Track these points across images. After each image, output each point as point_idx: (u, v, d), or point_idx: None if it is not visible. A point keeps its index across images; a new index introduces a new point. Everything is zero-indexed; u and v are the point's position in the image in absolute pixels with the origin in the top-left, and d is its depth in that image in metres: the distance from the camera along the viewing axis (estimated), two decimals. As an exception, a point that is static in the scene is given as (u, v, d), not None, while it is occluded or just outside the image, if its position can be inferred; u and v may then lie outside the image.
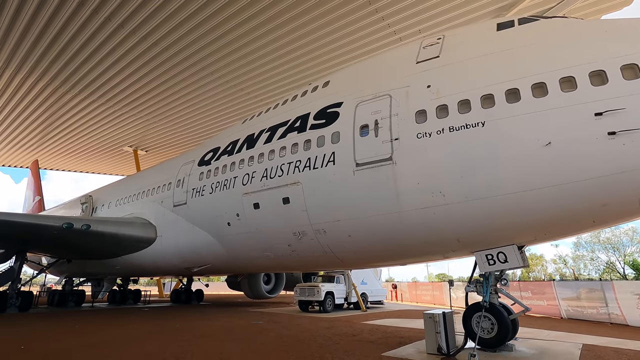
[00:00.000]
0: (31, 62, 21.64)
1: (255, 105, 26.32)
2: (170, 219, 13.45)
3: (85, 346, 7.87)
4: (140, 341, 8.59)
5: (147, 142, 35.76)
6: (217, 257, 12.59)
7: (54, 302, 19.87)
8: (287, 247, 10.35)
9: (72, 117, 29.11)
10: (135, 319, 13.46)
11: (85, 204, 19.07)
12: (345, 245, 9.18)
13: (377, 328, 11.53)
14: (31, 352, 7.21)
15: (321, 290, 17.09)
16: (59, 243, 14.49)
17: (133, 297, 23.35)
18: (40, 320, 12.87)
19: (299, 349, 7.79)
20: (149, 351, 7.30)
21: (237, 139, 12.07)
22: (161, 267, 14.62)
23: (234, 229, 11.30)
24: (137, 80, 23.92)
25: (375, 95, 8.75)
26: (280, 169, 9.93)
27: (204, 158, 12.92)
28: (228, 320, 13.18)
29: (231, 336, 9.56)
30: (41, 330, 10.52)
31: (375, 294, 21.16)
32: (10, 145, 35.60)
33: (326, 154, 9.05)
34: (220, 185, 11.62)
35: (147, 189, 15.47)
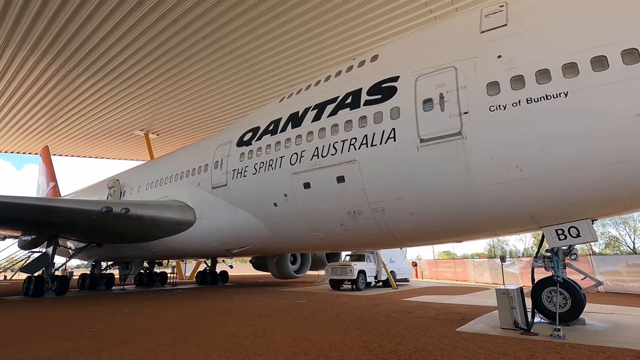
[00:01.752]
0: (45, 44, 21.08)
1: (278, 86, 25.73)
2: (209, 201, 13.33)
3: (158, 328, 7.88)
4: (206, 322, 8.61)
5: (158, 126, 35.34)
6: (260, 238, 12.55)
7: (86, 286, 20.12)
8: (340, 226, 10.25)
9: (82, 100, 28.63)
10: (179, 300, 13.56)
11: (113, 188, 18.95)
12: (405, 223, 9.06)
13: (424, 305, 11.59)
14: (108, 335, 7.22)
15: (354, 269, 17.19)
16: (95, 227, 14.45)
17: (160, 280, 23.64)
18: (86, 304, 12.97)
19: (369, 327, 7.79)
20: (228, 332, 7.30)
21: (278, 118, 11.78)
22: (200, 250, 14.64)
23: (281, 209, 11.19)
24: (148, 61, 23.33)
25: (437, 68, 8.41)
26: (334, 147, 9.70)
27: (243, 138, 12.66)
28: (271, 300, 13.27)
29: (289, 315, 9.60)
30: (95, 312, 10.58)
31: (402, 272, 21.32)
32: (20, 132, 35.25)
33: (385, 131, 8.80)
34: (265, 165, 11.42)
35: (180, 171, 15.28)
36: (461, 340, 6.38)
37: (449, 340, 6.41)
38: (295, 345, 6.18)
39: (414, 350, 5.73)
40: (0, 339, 6.90)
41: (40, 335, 7.21)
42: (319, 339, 6.62)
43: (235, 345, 6.14)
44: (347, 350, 5.80)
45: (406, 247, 21.62)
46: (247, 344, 6.25)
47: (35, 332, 7.56)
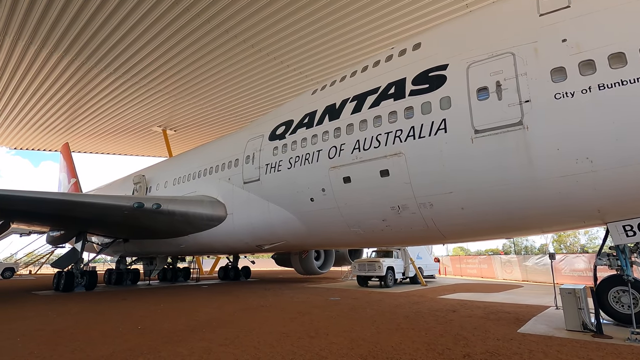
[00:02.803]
0: (68, 41, 21.08)
1: (300, 81, 25.34)
2: (241, 196, 13.11)
3: (205, 326, 7.69)
4: (249, 320, 8.39)
5: (176, 122, 35.36)
6: (294, 234, 12.28)
7: (112, 281, 20.24)
8: (381, 222, 9.90)
9: (102, 97, 28.72)
10: (210, 296, 13.42)
11: (139, 184, 18.93)
12: (455, 218, 8.65)
13: (465, 303, 11.18)
14: (156, 333, 7.05)
15: (382, 265, 16.84)
16: (125, 223, 14.40)
17: (183, 275, 23.68)
18: (119, 299, 12.94)
19: (421, 327, 7.46)
20: (279, 331, 7.05)
21: (313, 111, 11.44)
22: (231, 246, 14.47)
23: (318, 205, 10.88)
24: (168, 57, 23.17)
25: (492, 54, 7.94)
26: (377, 140, 9.33)
27: (276, 132, 12.37)
28: (303, 297, 13.03)
29: (331, 313, 9.32)
30: (132, 308, 10.48)
31: (428, 268, 20.89)
32: (41, 129, 35.64)
33: (434, 122, 8.38)
34: (300, 159, 11.11)
35: (209, 166, 15.09)
36: (531, 343, 5.99)
37: (519, 343, 6.02)
38: (356, 346, 5.88)
39: (489, 354, 5.36)
40: (49, 337, 6.78)
41: (87, 333, 7.07)
42: (377, 340, 6.31)
43: (294, 346, 5.88)
44: (413, 353, 5.48)
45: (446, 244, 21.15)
46: (304, 345, 5.98)
47: (81, 329, 7.43)
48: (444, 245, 54.76)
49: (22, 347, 5.99)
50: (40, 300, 12.78)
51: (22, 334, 7.07)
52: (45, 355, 5.52)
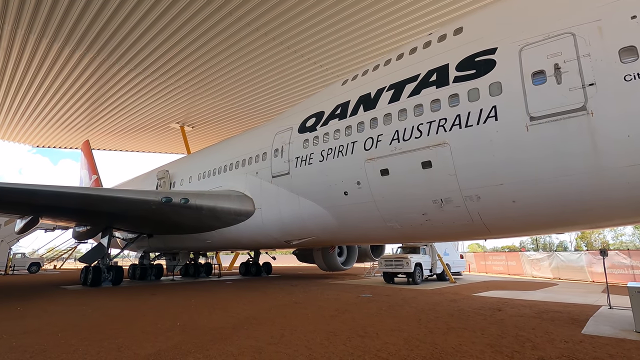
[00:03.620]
0: (90, 38, 21.10)
1: (322, 75, 24.87)
2: (269, 190, 12.83)
3: (246, 324, 7.43)
4: (289, 317, 8.10)
5: (193, 118, 35.38)
6: (325, 228, 11.94)
7: (136, 276, 20.33)
8: (421, 216, 9.46)
9: (121, 94, 28.81)
10: (238, 292, 13.23)
11: (163, 179, 18.89)
12: (504, 212, 8.15)
13: (507, 301, 10.67)
14: (198, 330, 6.82)
15: (411, 261, 16.38)
16: (152, 218, 14.30)
17: (205, 270, 23.67)
18: (148, 295, 12.85)
19: (474, 327, 7.03)
20: (325, 330, 6.73)
21: (346, 101, 11.03)
22: (258, 241, 14.23)
23: (352, 198, 10.50)
24: (188, 52, 23.02)
25: (548, 35, 7.38)
26: (418, 130, 8.87)
27: (306, 124, 12.01)
28: (334, 293, 12.70)
29: (370, 310, 8.96)
30: (164, 304, 10.34)
31: (455, 265, 20.33)
32: (62, 127, 36.15)
33: (483, 109, 7.88)
34: (333, 152, 10.74)
35: (235, 160, 14.86)
36: (606, 347, 5.50)
37: (592, 346, 5.54)
38: (414, 347, 5.50)
39: (566, 358, 4.91)
40: (90, 333, 6.60)
41: (128, 330, 6.88)
42: (433, 340, 5.92)
43: (348, 346, 5.54)
44: (480, 356, 5.07)
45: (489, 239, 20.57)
46: (357, 345, 5.63)
47: (121, 326, 7.26)
48: (462, 243, 53.73)
49: (65, 344, 5.82)
50: (71, 295, 12.80)
51: (62, 329, 6.93)
52: (92, 352, 5.32)
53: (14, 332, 6.65)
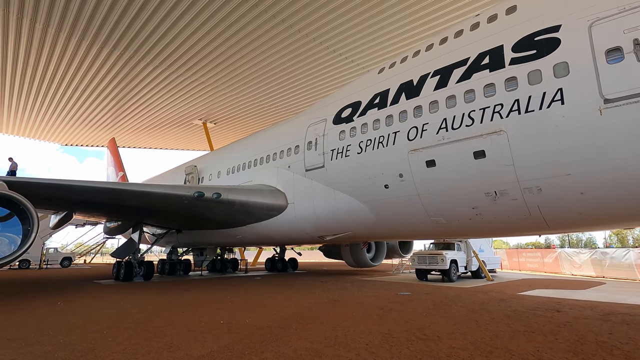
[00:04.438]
0: (117, 35, 21.23)
1: (349, 68, 24.29)
2: (302, 184, 12.45)
3: (291, 323, 7.09)
4: (334, 315, 7.71)
5: (216, 114, 35.43)
6: (362, 224, 11.48)
7: (165, 271, 20.47)
8: (471, 210, 8.85)
9: (145, 91, 29.00)
10: (271, 289, 12.96)
11: (191, 174, 18.84)
12: (570, 205, 7.46)
13: (560, 301, 9.93)
14: (242, 328, 6.50)
15: (446, 258, 15.73)
16: (184, 213, 14.19)
17: (232, 266, 23.66)
18: (181, 290, 12.75)
19: (540, 329, 6.43)
20: (379, 331, 6.30)
21: (385, 90, 10.48)
22: (291, 236, 13.91)
23: (393, 191, 9.97)
24: (211, 47, 22.90)
25: (624, 8, 6.61)
26: (469, 117, 8.25)
27: (341, 115, 11.53)
28: (370, 291, 12.24)
29: (416, 310, 8.46)
30: (200, 300, 10.14)
31: (490, 262, 19.47)
32: (88, 125, 36.90)
33: (547, 92, 7.19)
34: (373, 143, 10.23)
35: (265, 154, 14.56)
36: None
37: (695, 355, 4.88)
38: (488, 354, 4.98)
39: (674, 370, 4.30)
40: (135, 331, 6.39)
41: (172, 327, 6.63)
42: (504, 345, 5.37)
43: (412, 351, 5.07)
44: (567, 364, 4.51)
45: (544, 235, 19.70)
46: (422, 349, 5.16)
47: (163, 323, 7.04)
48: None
49: (112, 342, 5.60)
50: (107, 290, 12.84)
51: (106, 326, 6.76)
52: (142, 352, 5.06)
53: (59, 329, 6.52)
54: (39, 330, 6.42)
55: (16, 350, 5.19)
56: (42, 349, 5.17)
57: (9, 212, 9.58)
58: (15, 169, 18.91)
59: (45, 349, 5.16)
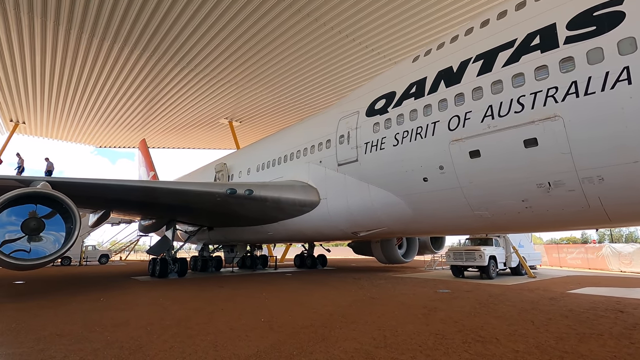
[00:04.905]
0: (147, 37, 21.68)
1: (378, 62, 23.77)
2: (335, 179, 12.18)
3: (334, 322, 6.86)
4: (376, 314, 7.41)
5: (241, 113, 35.73)
6: (398, 219, 11.07)
7: (198, 268, 20.80)
8: (520, 203, 8.28)
9: (173, 92, 29.58)
10: (303, 286, 12.81)
11: (221, 172, 19.00)
12: (639, 195, 6.78)
13: (619, 301, 9.17)
14: (285, 327, 6.33)
15: (484, 254, 15.03)
16: (216, 210, 14.26)
17: (261, 262, 23.76)
18: (215, 286, 12.82)
19: (610, 333, 5.87)
20: (429, 331, 5.95)
21: (421, 78, 9.99)
22: (323, 232, 13.70)
23: (433, 185, 9.51)
24: (237, 46, 22.98)
25: (703, -28, 5.86)
26: (518, 103, 7.67)
27: (374, 107, 11.14)
28: (406, 288, 11.84)
29: (462, 308, 8.02)
30: (235, 297, 10.11)
31: (531, 257, 18.52)
32: (121, 127, 38.15)
33: (610, 72, 6.54)
34: (410, 134, 9.79)
35: (295, 150, 14.39)
36: None
37: None
38: (558, 358, 4.54)
39: None
40: (180, 329, 6.34)
41: (214, 325, 6.55)
42: (575, 349, 4.90)
43: (472, 355, 4.70)
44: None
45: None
46: (482, 352, 4.77)
47: (204, 320, 6.97)
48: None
49: (158, 340, 5.55)
50: (145, 286, 13.09)
51: (149, 322, 6.77)
52: (189, 350, 4.96)
53: (105, 325, 6.58)
54: (85, 326, 6.50)
55: (66, 346, 5.22)
56: (91, 347, 5.17)
57: (52, 210, 9.87)
58: (52, 169, 19.61)
59: (94, 347, 5.16)
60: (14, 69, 24.97)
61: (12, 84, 27.07)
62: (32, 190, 9.32)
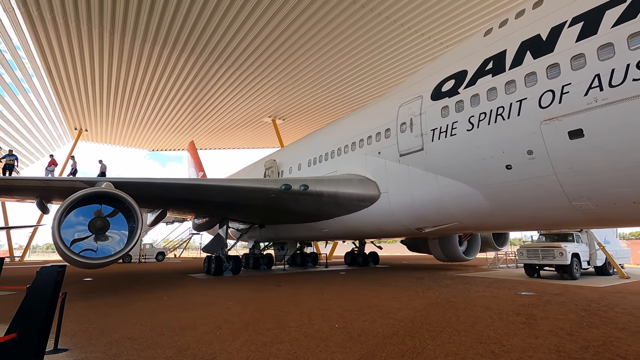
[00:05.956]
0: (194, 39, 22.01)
1: (431, 47, 22.39)
2: (396, 171, 11.24)
3: (413, 328, 6.03)
4: (462, 322, 6.46)
5: (284, 110, 35.64)
6: (473, 212, 9.92)
7: (250, 265, 20.78)
8: (636, 191, 6.85)
9: (219, 93, 30.01)
10: (364, 285, 12.02)
11: (270, 169, 18.76)
12: None
13: None
14: (365, 335, 5.60)
15: (566, 252, 13.29)
16: (269, 206, 13.91)
17: (311, 260, 23.33)
18: (271, 286, 12.44)
19: None
20: (549, 346, 4.93)
21: (499, 52, 8.76)
22: (383, 229, 12.83)
23: (519, 173, 8.28)
24: (280, 41, 22.63)
25: None
26: (637, 68, 6.28)
27: (441, 89, 10.05)
28: (481, 289, 10.64)
29: (566, 317, 6.79)
30: (296, 296, 9.57)
31: (618, 255, 16.24)
32: (171, 130, 39.69)
33: None
34: (488, 116, 8.62)
35: (350, 142, 13.62)
36: None
37: None
38: None
39: None
40: (250, 335, 5.84)
41: (285, 330, 5.98)
42: None
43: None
44: None
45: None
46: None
47: (273, 325, 6.44)
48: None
49: (231, 347, 5.06)
50: (203, 285, 13.03)
51: (217, 326, 6.36)
52: None
53: (172, 327, 6.27)
54: (153, 328, 6.23)
55: (138, 352, 4.89)
56: (163, 354, 4.78)
57: (114, 209, 9.94)
58: (105, 170, 20.31)
59: (166, 354, 4.77)
60: (76, 79, 26.66)
61: (75, 93, 28.99)
62: (98, 190, 9.41)
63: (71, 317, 7.03)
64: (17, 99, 29.03)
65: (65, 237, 8.70)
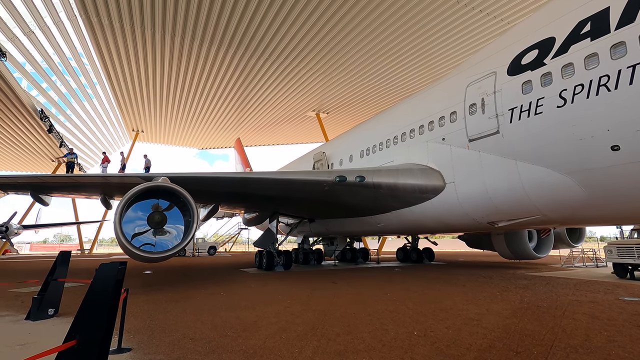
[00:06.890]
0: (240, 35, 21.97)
1: (492, 25, 20.53)
2: (465, 158, 10.08)
3: (507, 337, 5.06)
4: (577, 336, 5.35)
5: (328, 104, 35.00)
6: (562, 203, 8.54)
7: (300, 260, 20.46)
8: None
9: (264, 89, 29.95)
10: (426, 284, 11.01)
11: (320, 161, 18.20)
12: None
13: None
14: (456, 347, 4.74)
15: (672, 250, 11.25)
16: (322, 200, 13.32)
17: (362, 256, 22.53)
18: (327, 282, 11.85)
19: None
20: None
21: (599, 11, 7.31)
22: (450, 223, 11.70)
23: (628, 154, 6.85)
24: (322, 33, 21.92)
25: None
26: None
27: (521, 62, 8.72)
28: (569, 292, 9.20)
29: None
30: (358, 295, 8.85)
31: None
32: (219, 129, 40.69)
33: None
34: (586, 89, 7.24)
35: (407, 129, 12.60)
36: None
37: None
38: None
39: None
40: (320, 341, 5.23)
41: (358, 337, 5.29)
42: None
43: None
44: None
45: None
46: None
47: (343, 329, 5.77)
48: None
49: (301, 355, 4.47)
50: (256, 280, 12.79)
51: (280, 328, 5.84)
52: (350, 379, 3.70)
53: (235, 328, 5.85)
54: (215, 327, 5.86)
55: (202, 356, 4.46)
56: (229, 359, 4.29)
57: (170, 204, 9.87)
58: (149, 165, 20.80)
59: None
60: (132, 82, 27.99)
61: (131, 96, 30.53)
62: (155, 185, 9.36)
63: (134, 312, 6.93)
64: (82, 104, 31.22)
65: (126, 231, 8.73)
